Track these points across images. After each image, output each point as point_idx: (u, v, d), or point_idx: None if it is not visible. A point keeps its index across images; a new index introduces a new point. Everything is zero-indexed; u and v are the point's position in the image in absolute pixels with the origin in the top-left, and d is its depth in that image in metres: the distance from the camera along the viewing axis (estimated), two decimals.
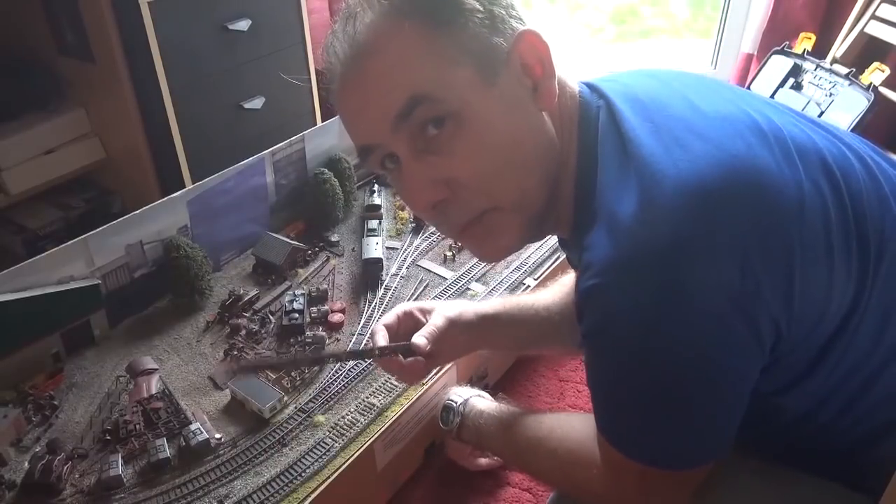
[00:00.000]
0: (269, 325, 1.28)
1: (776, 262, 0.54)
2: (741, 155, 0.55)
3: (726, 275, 0.53)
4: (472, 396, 1.02)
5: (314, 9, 1.85)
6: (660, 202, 0.54)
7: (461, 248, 1.48)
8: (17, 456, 1.03)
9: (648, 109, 0.61)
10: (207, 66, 1.57)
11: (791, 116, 0.65)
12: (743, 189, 0.54)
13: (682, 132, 0.58)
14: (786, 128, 0.60)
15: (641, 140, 0.58)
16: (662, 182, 0.55)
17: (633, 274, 0.55)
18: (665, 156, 0.56)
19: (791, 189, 0.56)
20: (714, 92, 0.65)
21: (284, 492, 0.96)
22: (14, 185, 1.53)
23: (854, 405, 0.63)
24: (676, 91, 0.64)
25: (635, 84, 0.67)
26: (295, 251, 1.44)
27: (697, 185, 0.54)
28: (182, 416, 1.09)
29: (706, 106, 0.60)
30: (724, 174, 0.54)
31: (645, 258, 0.54)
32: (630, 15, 3.52)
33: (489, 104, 0.60)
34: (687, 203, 0.53)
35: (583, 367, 1.45)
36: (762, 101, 0.66)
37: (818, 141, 0.62)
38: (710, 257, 0.53)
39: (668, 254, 0.53)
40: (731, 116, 0.59)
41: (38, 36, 1.58)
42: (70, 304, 1.19)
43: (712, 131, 0.57)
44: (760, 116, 0.60)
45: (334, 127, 1.60)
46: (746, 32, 2.16)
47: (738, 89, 0.71)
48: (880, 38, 1.85)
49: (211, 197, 1.37)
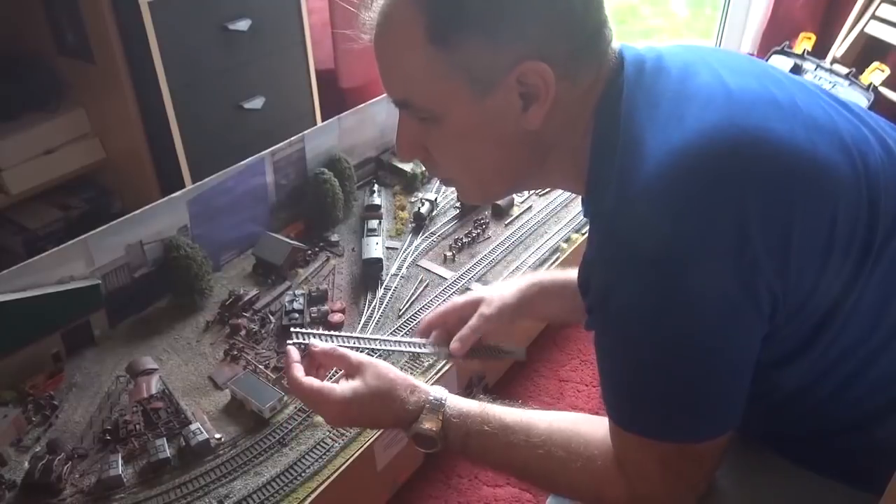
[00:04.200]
0: (269, 325, 1.28)
1: (776, 229, 0.55)
2: (754, 125, 0.57)
3: (725, 248, 0.54)
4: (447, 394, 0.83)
5: (314, 9, 1.85)
6: (648, 177, 0.56)
7: (461, 248, 1.48)
8: (17, 456, 1.03)
9: (672, 81, 0.63)
10: (207, 66, 1.57)
11: (816, 96, 0.66)
12: (750, 156, 0.56)
13: (700, 104, 0.59)
14: (807, 107, 0.61)
15: (645, 119, 0.60)
16: (656, 155, 0.57)
17: (632, 255, 0.56)
18: (670, 128, 0.57)
19: (803, 156, 0.57)
20: (746, 69, 0.66)
21: (284, 492, 0.96)
22: (14, 185, 1.52)
23: (852, 384, 0.64)
24: (709, 65, 0.65)
25: (670, 54, 0.67)
26: (295, 251, 1.44)
27: (697, 154, 0.55)
28: (182, 416, 1.09)
29: (733, 80, 0.62)
30: (731, 142, 0.56)
31: (640, 238, 0.56)
32: (630, 15, 3.52)
33: (470, 117, 0.64)
34: (684, 174, 0.55)
35: (583, 367, 1.46)
36: (790, 80, 0.67)
37: (838, 121, 0.62)
38: (707, 231, 0.54)
39: (662, 231, 0.55)
40: (754, 91, 0.61)
41: (38, 36, 1.58)
42: (70, 304, 1.19)
43: (730, 105, 0.58)
44: (785, 95, 0.61)
45: (334, 127, 1.60)
46: (746, 32, 2.16)
47: (773, 68, 0.71)
48: (880, 38, 1.85)
49: (211, 197, 1.37)
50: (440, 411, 0.74)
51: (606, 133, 0.63)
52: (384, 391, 0.76)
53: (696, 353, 0.58)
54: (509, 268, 1.41)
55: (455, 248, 1.48)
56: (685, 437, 0.62)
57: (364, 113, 1.65)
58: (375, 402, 0.76)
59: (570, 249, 1.45)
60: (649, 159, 0.57)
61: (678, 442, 0.62)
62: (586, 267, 0.65)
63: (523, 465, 0.72)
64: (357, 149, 1.67)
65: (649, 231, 0.55)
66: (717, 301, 0.55)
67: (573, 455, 0.69)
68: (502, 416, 0.73)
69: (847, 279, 0.59)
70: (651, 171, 0.56)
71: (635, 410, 0.64)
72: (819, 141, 0.59)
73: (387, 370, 0.78)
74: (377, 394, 0.75)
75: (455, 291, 1.36)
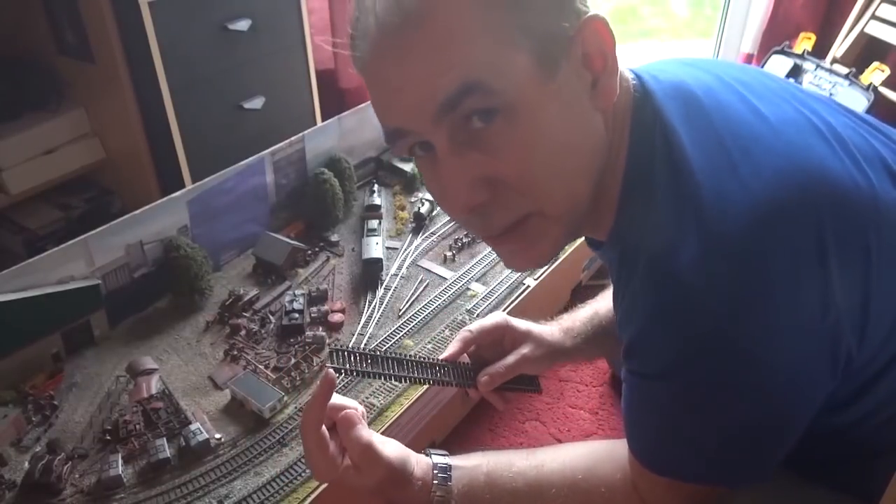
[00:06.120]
0: (269, 325, 1.28)
1: (856, 278, 0.51)
2: (813, 165, 0.52)
3: (810, 314, 0.50)
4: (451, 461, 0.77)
5: (314, 9, 1.85)
6: (731, 240, 0.50)
7: (461, 248, 1.48)
8: (17, 456, 1.03)
9: (707, 113, 0.56)
10: (207, 66, 1.57)
11: (846, 117, 0.61)
12: (821, 203, 0.51)
13: (749, 143, 0.53)
14: (845, 132, 0.57)
15: (695, 157, 0.54)
16: (731, 214, 0.51)
17: (711, 321, 0.52)
18: (730, 178, 0.52)
19: (868, 197, 0.53)
20: (771, 91, 0.60)
21: (284, 492, 0.96)
22: (14, 185, 1.52)
23: (888, 423, 0.62)
24: (734, 90, 0.59)
25: (689, 77, 0.61)
26: (295, 251, 1.44)
27: (772, 209, 0.50)
28: (182, 416, 1.09)
29: (768, 109, 0.56)
30: (799, 189, 0.51)
31: (721, 307, 0.51)
32: (630, 15, 3.52)
33: (546, 100, 0.53)
34: (762, 236, 0.50)
35: (583, 367, 1.46)
36: (817, 100, 0.62)
37: (878, 147, 0.58)
38: (792, 301, 0.50)
39: (746, 303, 0.50)
40: (793, 121, 0.55)
41: (38, 36, 1.58)
42: (70, 304, 1.19)
43: (779, 142, 0.53)
44: (819, 119, 0.57)
45: (334, 127, 1.60)
46: (746, 32, 2.16)
47: (789, 85, 0.65)
48: (880, 38, 1.85)
49: (211, 197, 1.37)
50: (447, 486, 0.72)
51: (645, 159, 0.57)
52: (405, 468, 0.73)
53: (762, 413, 0.56)
54: None
55: (455, 248, 1.48)
56: (724, 482, 0.61)
57: (364, 113, 1.65)
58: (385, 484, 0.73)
59: (570, 250, 1.45)
60: (735, 220, 0.51)
61: (714, 485, 0.61)
62: (646, 331, 0.57)
63: None
64: (357, 149, 1.67)
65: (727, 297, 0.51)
66: (797, 369, 0.53)
67: None
68: (512, 481, 0.71)
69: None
70: (739, 239, 0.50)
71: (675, 456, 0.61)
72: (871, 172, 0.54)
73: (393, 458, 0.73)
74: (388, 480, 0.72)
75: (455, 291, 1.36)
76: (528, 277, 1.38)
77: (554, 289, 1.42)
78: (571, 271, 1.51)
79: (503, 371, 0.86)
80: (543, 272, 1.39)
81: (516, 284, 1.37)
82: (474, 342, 0.89)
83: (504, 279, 1.38)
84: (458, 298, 1.35)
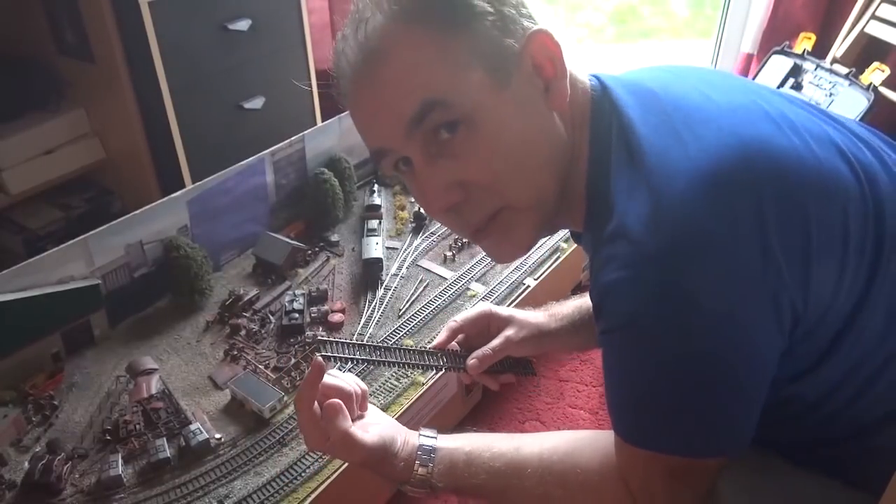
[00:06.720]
0: (269, 325, 1.28)
1: (796, 241, 0.55)
2: (757, 138, 0.56)
3: (750, 263, 0.54)
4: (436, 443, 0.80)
5: (314, 9, 1.85)
6: (673, 198, 0.55)
7: (461, 248, 1.48)
8: (17, 456, 1.03)
9: (661, 101, 0.62)
10: (207, 66, 1.57)
11: (804, 110, 0.65)
12: (761, 169, 0.55)
13: (696, 122, 0.58)
14: (798, 119, 0.60)
15: (646, 135, 0.59)
16: (675, 177, 0.55)
17: (658, 269, 0.55)
18: (676, 148, 0.57)
19: (811, 169, 0.56)
20: (728, 84, 0.66)
21: (284, 492, 0.96)
22: (14, 185, 1.53)
23: (859, 397, 0.63)
24: (690, 83, 0.65)
25: (648, 77, 0.67)
26: (295, 251, 1.44)
27: (713, 172, 0.54)
28: (182, 416, 1.09)
29: (719, 97, 0.61)
30: (741, 157, 0.55)
31: (666, 256, 0.55)
32: (630, 15, 3.52)
33: (501, 107, 0.61)
34: (704, 193, 0.54)
35: (583, 367, 1.46)
36: (775, 94, 0.67)
37: (831, 133, 0.62)
38: (732, 248, 0.53)
39: (690, 250, 0.54)
40: (744, 106, 0.60)
41: (38, 36, 1.58)
42: (70, 304, 1.19)
43: (725, 120, 0.58)
44: (773, 108, 0.60)
45: (334, 127, 1.60)
46: (746, 32, 2.16)
47: (750, 82, 0.72)
48: (880, 38, 1.85)
49: (211, 197, 1.37)
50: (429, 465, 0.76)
51: (605, 146, 0.63)
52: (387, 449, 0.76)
53: (718, 367, 0.58)
54: (509, 267, 1.41)
55: (455, 248, 1.48)
56: (697, 452, 0.62)
57: None
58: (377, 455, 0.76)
59: (570, 249, 1.45)
60: (678, 182, 0.55)
61: (689, 457, 0.62)
62: (606, 287, 0.60)
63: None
64: (357, 149, 1.67)
65: (674, 258, 0.54)
66: (742, 316, 0.55)
67: (571, 490, 0.70)
68: (490, 461, 0.74)
69: (860, 291, 0.58)
70: (680, 196, 0.55)
71: (650, 426, 0.63)
72: (818, 149, 0.58)
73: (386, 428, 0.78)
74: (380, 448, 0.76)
75: (455, 291, 1.36)
76: (528, 277, 1.38)
77: (554, 289, 1.42)
78: (571, 271, 1.51)
79: (490, 353, 0.89)
80: (543, 272, 1.39)
81: (516, 284, 1.37)
82: (461, 331, 0.92)
83: (504, 279, 1.38)
84: (458, 298, 1.35)
